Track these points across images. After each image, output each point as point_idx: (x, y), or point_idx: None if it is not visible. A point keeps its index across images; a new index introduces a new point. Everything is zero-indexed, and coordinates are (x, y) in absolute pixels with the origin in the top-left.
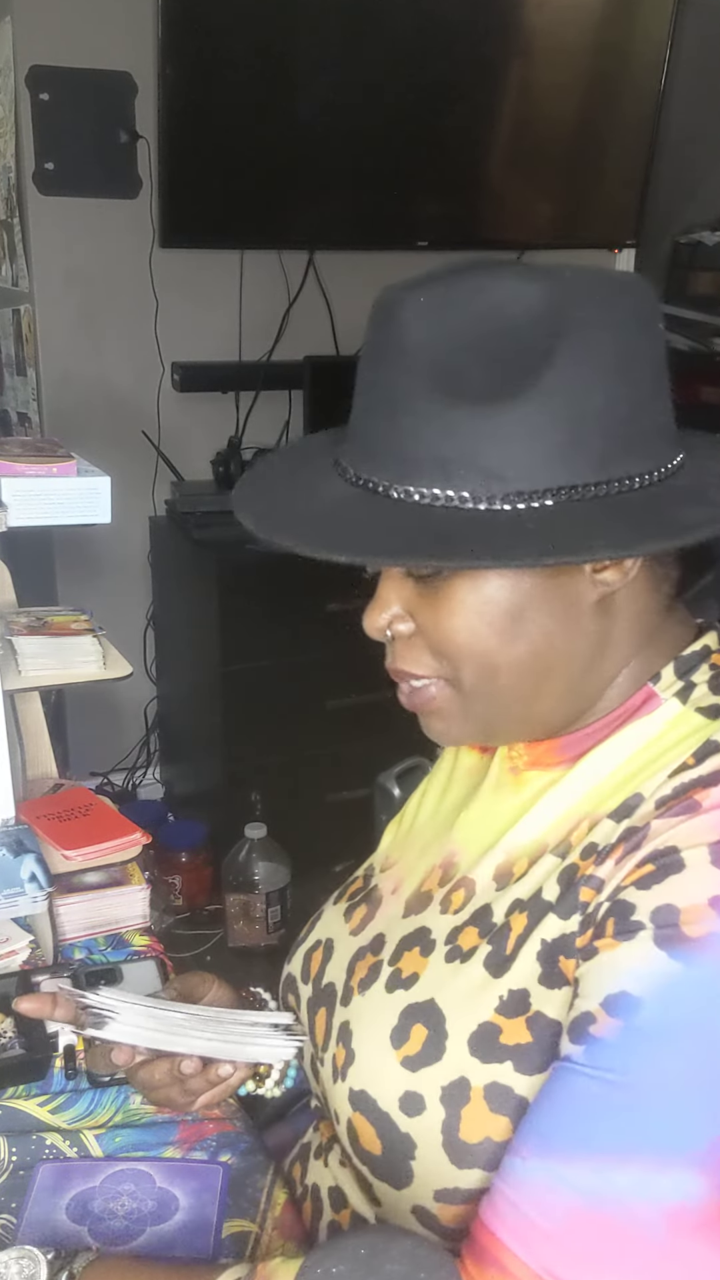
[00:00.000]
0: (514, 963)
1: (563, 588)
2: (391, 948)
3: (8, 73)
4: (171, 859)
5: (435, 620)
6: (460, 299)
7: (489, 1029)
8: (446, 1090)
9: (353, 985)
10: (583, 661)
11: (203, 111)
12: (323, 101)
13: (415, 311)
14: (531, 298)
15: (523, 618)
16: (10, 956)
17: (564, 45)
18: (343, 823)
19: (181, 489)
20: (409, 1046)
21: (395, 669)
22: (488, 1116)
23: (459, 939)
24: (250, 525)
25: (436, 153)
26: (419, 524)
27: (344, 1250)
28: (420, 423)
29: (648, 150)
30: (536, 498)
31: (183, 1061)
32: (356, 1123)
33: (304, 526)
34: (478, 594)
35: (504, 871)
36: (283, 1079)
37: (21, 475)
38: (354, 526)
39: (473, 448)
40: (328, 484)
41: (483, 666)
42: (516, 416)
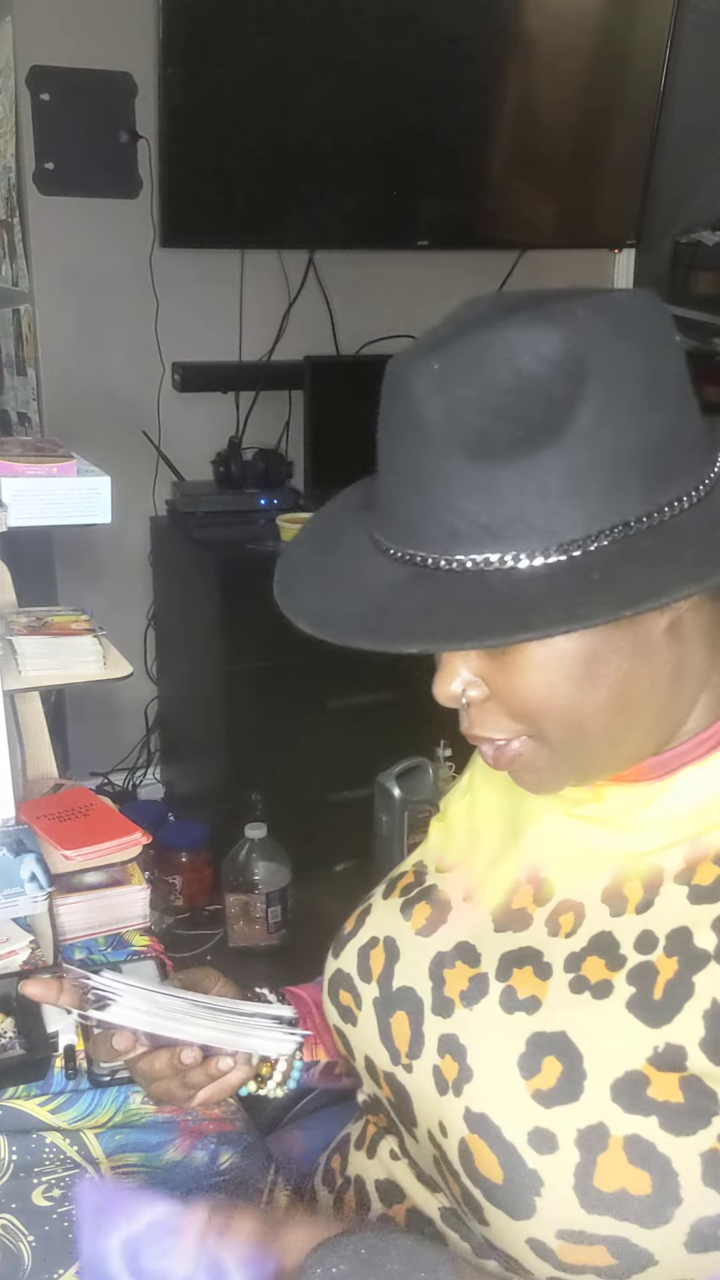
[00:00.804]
0: (675, 1015)
1: (633, 626)
2: (493, 962)
3: (8, 73)
4: (171, 859)
5: (509, 683)
6: (472, 360)
7: (636, 1078)
8: (583, 1134)
9: (450, 996)
10: (664, 691)
11: (203, 111)
12: (323, 101)
13: (429, 381)
14: (545, 345)
15: (598, 662)
16: (10, 956)
17: (564, 45)
18: (343, 823)
19: (182, 489)
20: (541, 1080)
21: (473, 735)
22: (626, 1168)
23: (582, 968)
24: (309, 629)
25: (436, 152)
26: (479, 595)
27: (344, 1250)
28: (455, 493)
29: (648, 150)
30: (591, 542)
31: (183, 1051)
32: (473, 1145)
33: (367, 620)
34: (549, 650)
35: (614, 894)
36: (285, 1080)
37: (21, 475)
38: (416, 611)
39: (514, 506)
40: (372, 565)
41: (567, 719)
42: (552, 467)
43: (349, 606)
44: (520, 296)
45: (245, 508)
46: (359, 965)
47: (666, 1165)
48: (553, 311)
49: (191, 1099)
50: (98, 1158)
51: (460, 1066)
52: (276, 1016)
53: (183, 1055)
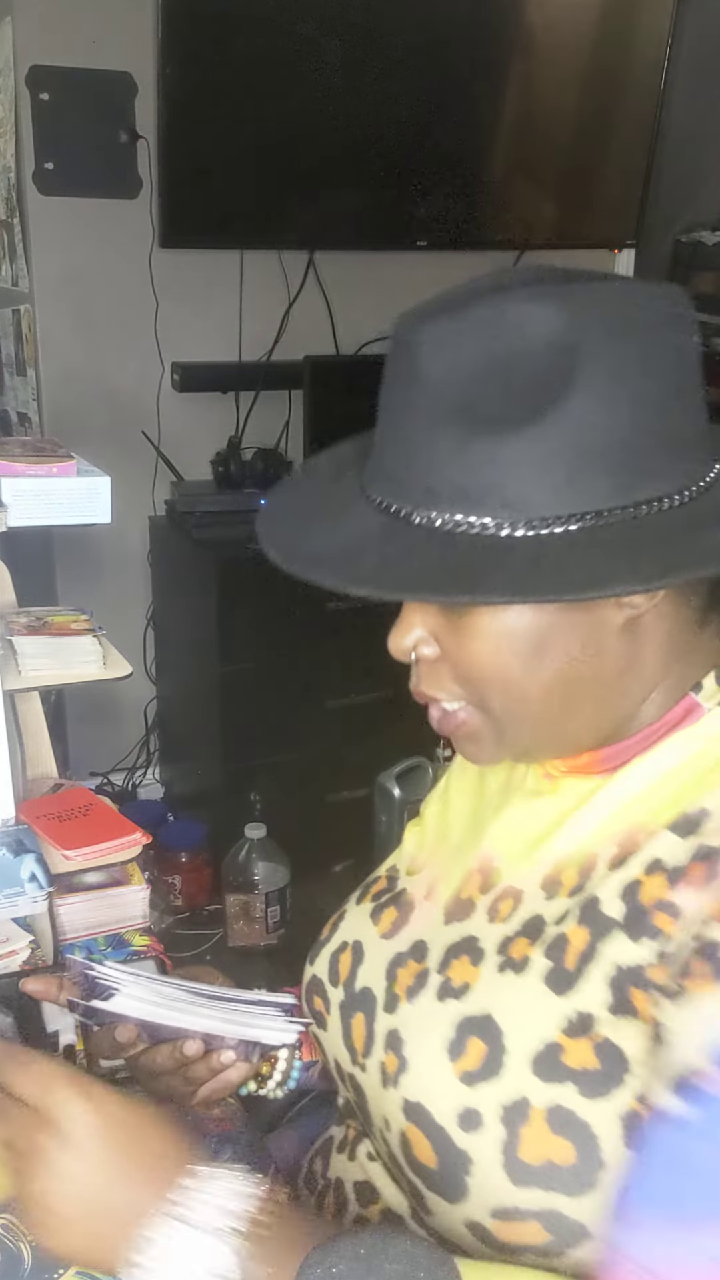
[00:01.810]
0: (580, 982)
1: (587, 613)
2: (437, 956)
3: (8, 73)
4: (171, 859)
5: (459, 646)
6: (475, 326)
7: (552, 1049)
8: (507, 1109)
9: (397, 992)
10: (612, 683)
11: (203, 111)
12: (323, 101)
13: (431, 341)
14: (548, 322)
15: (546, 644)
16: (10, 956)
17: (564, 44)
18: (343, 823)
19: (181, 489)
20: (467, 1061)
21: (420, 692)
22: (550, 1138)
23: (510, 949)
24: (277, 560)
25: (436, 152)
26: (441, 554)
27: (343, 1250)
28: (439, 453)
29: (648, 150)
30: (559, 524)
31: (185, 1043)
32: (410, 1134)
33: (331, 560)
34: (500, 622)
35: (552, 880)
36: (285, 1080)
37: (21, 475)
38: (379, 559)
39: (492, 476)
40: (354, 509)
41: (509, 693)
42: (534, 444)
43: (321, 545)
44: (542, 272)
45: (244, 508)
46: (329, 970)
47: (587, 1131)
48: (565, 293)
49: (193, 1096)
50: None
51: (398, 1059)
52: (278, 1004)
53: (185, 1047)
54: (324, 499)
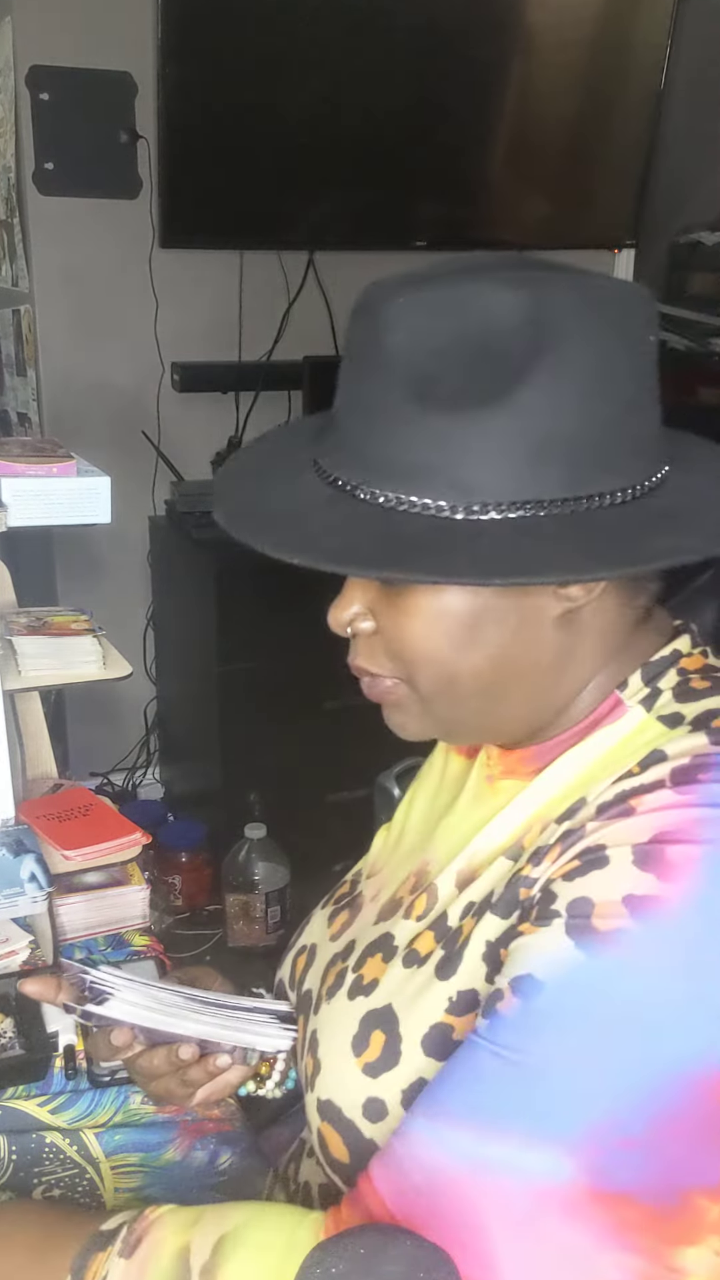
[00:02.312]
0: (459, 963)
1: (524, 601)
2: (357, 954)
3: (8, 73)
4: (171, 859)
5: (394, 623)
6: (443, 303)
7: (441, 1029)
8: (406, 1093)
9: (322, 993)
10: (544, 674)
11: (203, 111)
12: (323, 101)
13: (396, 313)
14: (514, 307)
15: (480, 629)
16: (10, 956)
17: (563, 45)
18: (343, 823)
19: (181, 489)
20: (369, 1053)
21: (355, 665)
22: None
23: (416, 943)
24: (221, 522)
25: (436, 153)
26: (381, 529)
27: (343, 1250)
28: (391, 427)
29: (646, 150)
30: (501, 509)
31: (180, 1047)
32: (325, 1132)
33: (271, 526)
34: (436, 603)
35: (465, 878)
36: (283, 1080)
37: (21, 475)
38: (320, 530)
39: (440, 456)
40: (304, 480)
41: (438, 674)
42: (486, 428)
43: (269, 511)
44: (513, 258)
45: None
46: (290, 973)
47: None
48: (536, 281)
49: (191, 1098)
50: (97, 1158)
51: (314, 1061)
52: (273, 1012)
53: (180, 1051)
54: (279, 467)
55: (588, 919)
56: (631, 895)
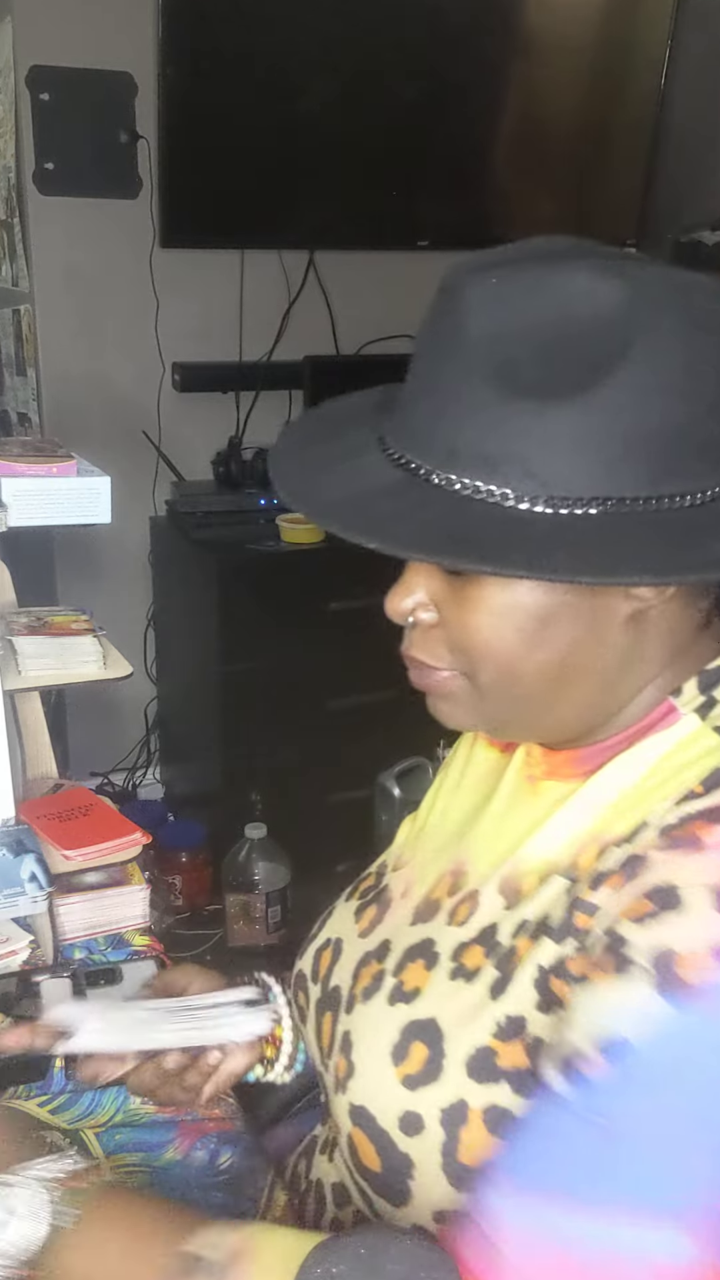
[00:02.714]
0: (511, 986)
1: (595, 599)
2: (396, 958)
3: (8, 73)
4: (171, 859)
5: (460, 616)
6: (529, 289)
7: (486, 1052)
8: (446, 1112)
9: (356, 993)
10: (607, 674)
11: (203, 111)
12: (323, 101)
13: (480, 296)
14: (603, 298)
15: (550, 625)
16: (10, 956)
17: (565, 44)
18: (343, 823)
19: (182, 489)
20: (409, 1065)
21: (410, 655)
22: (487, 1139)
23: (463, 957)
24: (290, 501)
25: (437, 152)
26: (455, 517)
27: (344, 1250)
28: (469, 413)
29: (648, 149)
30: (580, 505)
31: (164, 1059)
32: (356, 1138)
33: (339, 506)
34: (507, 596)
35: (511, 888)
36: (292, 1064)
37: (21, 475)
38: (389, 513)
39: (520, 446)
40: (370, 460)
41: (502, 670)
42: (569, 420)
43: (332, 492)
44: (592, 245)
45: (245, 508)
46: (312, 966)
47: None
48: (625, 269)
49: (197, 1099)
50: (98, 1158)
51: (347, 1063)
52: (241, 1000)
53: (165, 1062)
54: (339, 446)
55: (673, 972)
56: (719, 946)
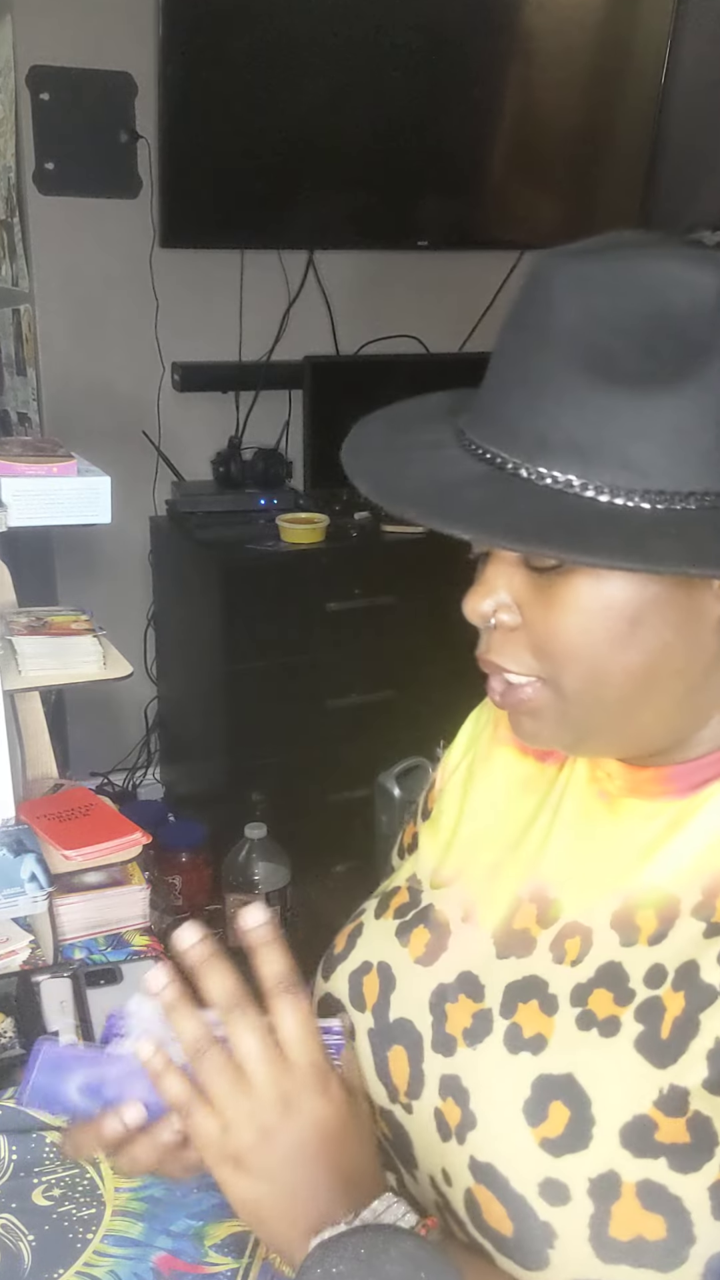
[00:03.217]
0: (681, 1056)
1: (689, 599)
2: (497, 996)
3: (8, 73)
4: (171, 859)
5: (546, 617)
6: (621, 277)
7: (644, 1123)
8: (595, 1183)
9: (452, 1033)
10: (694, 679)
11: (203, 111)
12: (323, 102)
13: (571, 284)
14: (699, 285)
15: (641, 624)
16: (10, 956)
17: (564, 45)
18: (343, 823)
19: (182, 489)
20: (548, 1127)
21: (487, 660)
22: (641, 1214)
23: (589, 1002)
24: (371, 493)
25: (436, 153)
26: (550, 510)
27: (344, 1250)
28: (562, 403)
29: (648, 150)
30: (679, 500)
31: (159, 1129)
32: (480, 1196)
33: (425, 497)
34: (598, 594)
35: (624, 922)
36: None
37: (21, 475)
38: (479, 503)
39: (616, 437)
40: (449, 456)
41: (590, 672)
42: (668, 410)
43: (413, 484)
44: (678, 237)
45: (245, 508)
46: (351, 991)
47: (678, 1205)
48: (715, 257)
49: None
50: (98, 1157)
51: (463, 1111)
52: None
53: (160, 1134)
54: (414, 442)
55: None
56: None
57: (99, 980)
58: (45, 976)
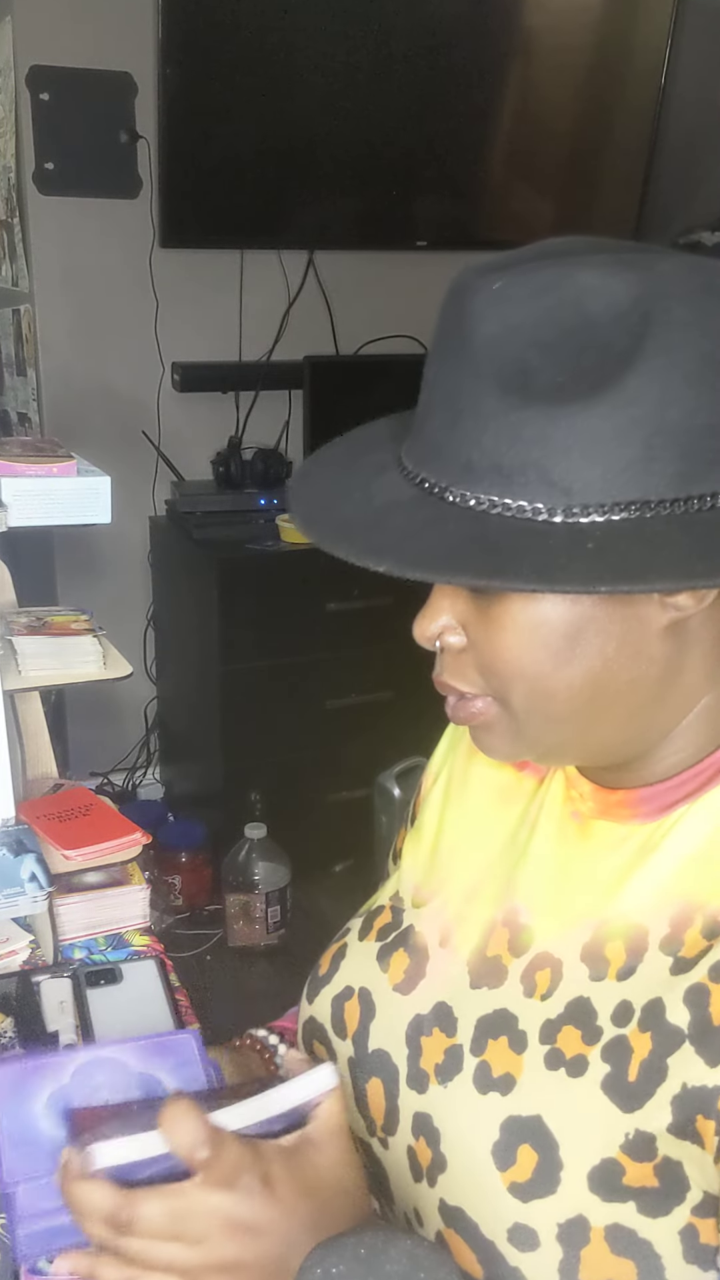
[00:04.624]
0: (647, 1101)
1: (628, 610)
2: (469, 1031)
3: (8, 73)
4: (171, 859)
5: (486, 636)
6: (538, 289)
7: (612, 1166)
8: (564, 1228)
9: (425, 1069)
10: (647, 690)
11: (203, 111)
12: (323, 102)
13: (487, 301)
14: (616, 293)
15: (580, 640)
16: (10, 956)
17: (564, 45)
18: (343, 823)
19: (181, 489)
20: (517, 1171)
21: (441, 682)
22: (610, 1259)
23: (558, 1039)
24: (297, 526)
25: (436, 153)
26: (472, 533)
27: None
28: (482, 424)
29: (648, 150)
30: (602, 512)
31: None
32: (450, 1239)
33: (352, 530)
34: (532, 613)
35: (594, 954)
36: None
37: (21, 475)
38: (403, 533)
39: (536, 454)
40: (386, 479)
41: (534, 689)
42: (586, 423)
43: (347, 514)
44: (609, 242)
45: (245, 508)
46: (333, 1017)
47: (649, 1250)
48: (638, 262)
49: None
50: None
51: (434, 1154)
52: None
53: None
54: (358, 469)
55: None
56: None
57: (99, 980)
58: (45, 976)
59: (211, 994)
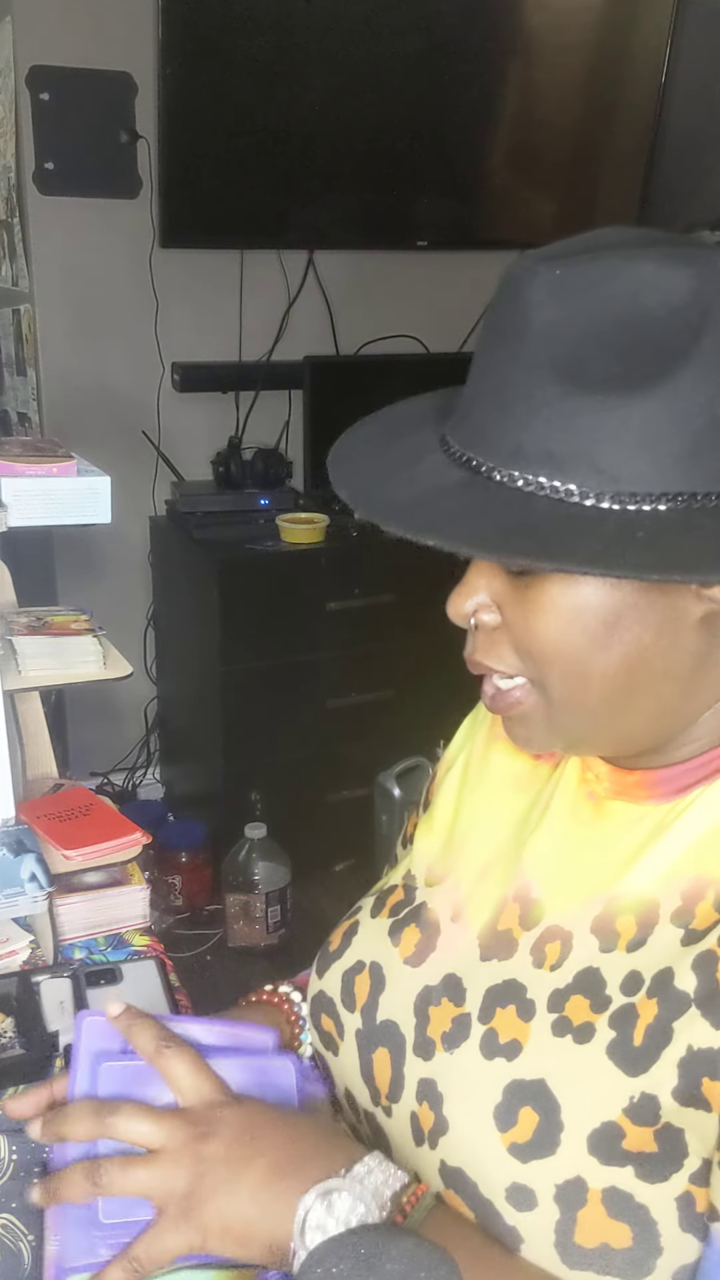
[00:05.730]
0: (652, 1065)
1: (665, 600)
2: (477, 1000)
3: (8, 73)
4: (171, 859)
5: (524, 617)
6: (595, 280)
7: (612, 1130)
8: (561, 1188)
9: (432, 1037)
10: (679, 680)
11: (203, 111)
12: (323, 101)
13: (543, 289)
14: (673, 287)
15: (617, 626)
16: (10, 956)
17: (564, 45)
18: (343, 823)
19: (181, 489)
20: (517, 1132)
21: (474, 660)
22: (606, 1222)
23: (566, 1008)
24: (347, 500)
25: (436, 152)
26: (520, 515)
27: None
28: (534, 410)
29: (648, 150)
30: (650, 501)
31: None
32: (450, 1200)
33: (401, 507)
34: (572, 596)
35: (605, 927)
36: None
37: (21, 475)
38: (452, 511)
39: (587, 441)
40: (432, 461)
41: (570, 673)
42: (639, 414)
43: (391, 491)
44: (660, 234)
45: (245, 508)
46: (343, 991)
47: (645, 1215)
48: (695, 256)
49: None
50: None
51: (436, 1116)
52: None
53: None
54: (400, 448)
55: None
56: None
57: (99, 980)
58: (45, 976)
59: (212, 994)
